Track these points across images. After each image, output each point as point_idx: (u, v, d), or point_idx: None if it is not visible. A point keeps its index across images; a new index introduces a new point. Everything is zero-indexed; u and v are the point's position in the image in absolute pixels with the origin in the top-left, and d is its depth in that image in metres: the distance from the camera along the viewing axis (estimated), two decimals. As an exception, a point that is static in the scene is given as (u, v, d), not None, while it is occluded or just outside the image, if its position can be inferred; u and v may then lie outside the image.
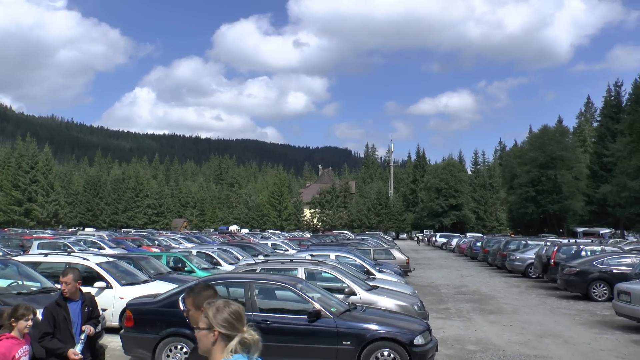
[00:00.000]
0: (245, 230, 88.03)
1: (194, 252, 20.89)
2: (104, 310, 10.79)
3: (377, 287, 12.76)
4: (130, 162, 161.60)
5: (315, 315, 8.56)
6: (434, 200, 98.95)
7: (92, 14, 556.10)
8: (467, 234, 71.37)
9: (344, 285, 11.72)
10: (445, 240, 63.16)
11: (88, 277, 11.88)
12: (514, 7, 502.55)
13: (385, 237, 57.40)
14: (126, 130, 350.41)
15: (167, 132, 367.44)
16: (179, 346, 8.96)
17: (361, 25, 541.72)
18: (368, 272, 16.12)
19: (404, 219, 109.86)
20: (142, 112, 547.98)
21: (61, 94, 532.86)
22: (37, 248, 24.38)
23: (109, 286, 11.87)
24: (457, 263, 38.83)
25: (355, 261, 17.26)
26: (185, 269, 17.70)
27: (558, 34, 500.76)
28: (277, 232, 76.74)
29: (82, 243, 28.13)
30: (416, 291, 15.10)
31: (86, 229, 77.30)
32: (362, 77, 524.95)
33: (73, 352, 5.71)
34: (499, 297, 19.89)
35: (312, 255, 16.60)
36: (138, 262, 15.22)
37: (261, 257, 19.18)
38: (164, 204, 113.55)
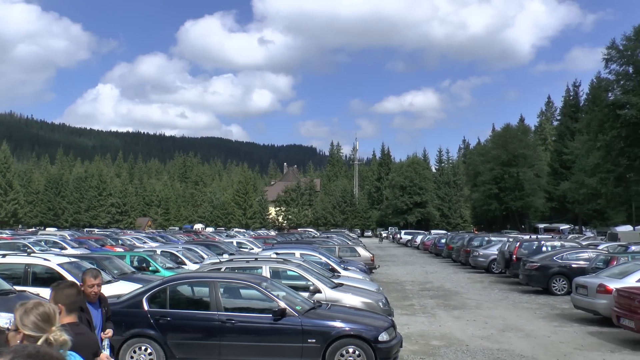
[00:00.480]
0: (210, 229, 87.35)
1: (159, 251, 20.64)
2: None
3: (342, 285, 12.80)
4: (93, 160, 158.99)
5: (281, 313, 8.57)
6: (399, 197, 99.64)
7: (53, 8, 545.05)
8: (432, 231, 72.14)
9: (309, 283, 11.75)
10: (410, 237, 63.68)
11: (49, 279, 11.65)
12: (477, 8, 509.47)
13: (351, 234, 57.63)
14: (89, 128, 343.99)
15: (131, 130, 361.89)
16: (144, 347, 8.86)
17: (326, 24, 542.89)
18: (333, 270, 16.16)
19: (369, 216, 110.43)
20: (105, 109, 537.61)
21: (20, 90, 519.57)
22: (-5, 249, 23.80)
23: (71, 287, 11.64)
24: (422, 260, 39.23)
25: (321, 259, 17.29)
26: (150, 268, 17.47)
27: (519, 35, 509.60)
28: (242, 230, 76.37)
29: (42, 243, 27.51)
30: (381, 288, 15.22)
31: (47, 229, 75.66)
32: (327, 76, 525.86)
33: (106, 356, 5.53)
34: (463, 292, 20.19)
35: (277, 254, 16.61)
36: (101, 262, 14.96)
37: (226, 256, 19.10)
38: (127, 203, 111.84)
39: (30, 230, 74.58)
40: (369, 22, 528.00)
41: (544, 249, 23.99)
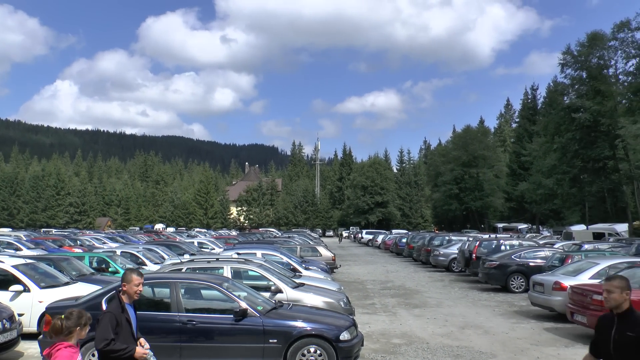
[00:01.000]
0: (171, 229, 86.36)
1: (119, 252, 20.33)
2: (20, 315, 10.38)
3: (303, 285, 12.82)
4: (51, 158, 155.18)
5: (242, 314, 8.53)
6: (360, 197, 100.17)
7: (7, 1, 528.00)
8: (393, 231, 72.72)
9: (270, 283, 11.73)
10: (371, 237, 64.08)
11: (3, 281, 11.38)
12: (439, 11, 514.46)
13: (312, 234, 57.70)
14: (46, 125, 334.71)
15: (91, 128, 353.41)
16: (103, 349, 8.71)
17: (289, 23, 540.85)
18: (294, 270, 16.17)
19: (331, 216, 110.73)
20: (64, 106, 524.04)
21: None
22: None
23: (27, 289, 11.32)
24: (383, 259, 39.52)
25: (282, 259, 17.28)
26: (110, 269, 17.20)
27: (480, 39, 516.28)
28: (203, 230, 75.70)
29: (-4, 244, 26.82)
30: (342, 287, 15.29)
31: (1, 229, 73.71)
32: (289, 75, 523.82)
33: (142, 350, 5.51)
34: (424, 291, 20.43)
35: (238, 254, 16.53)
36: (59, 264, 14.67)
37: (187, 256, 18.94)
38: (86, 202, 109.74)
39: (-17, 231, 72.49)
40: (332, 22, 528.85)
41: (502, 248, 24.48)
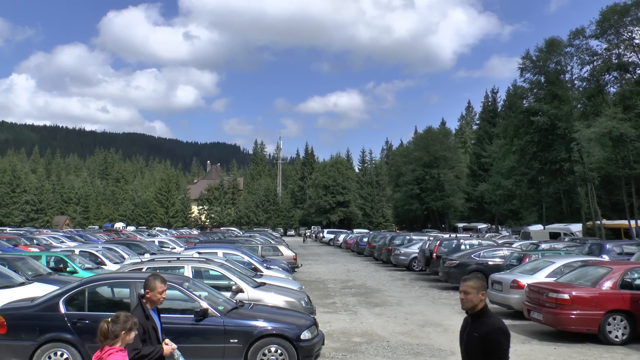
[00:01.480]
0: (131, 228, 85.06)
1: (77, 251, 19.98)
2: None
3: (264, 284, 12.82)
4: (6, 154, 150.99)
5: (202, 314, 8.48)
6: (322, 197, 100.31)
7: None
8: (354, 230, 73.10)
9: (231, 282, 11.69)
10: (332, 236, 64.27)
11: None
12: (402, 13, 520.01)
13: (273, 233, 57.58)
14: (1, 120, 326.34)
15: (49, 123, 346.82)
16: (59, 352, 8.54)
17: (252, 21, 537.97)
18: (256, 269, 16.17)
19: (292, 215, 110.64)
20: (20, 100, 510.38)
21: None
22: None
23: (-21, 290, 11.07)
24: (344, 258, 39.69)
25: (243, 258, 17.26)
26: (68, 269, 16.86)
27: (442, 42, 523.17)
28: (164, 229, 74.82)
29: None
30: (303, 287, 15.33)
31: (-47, 228, 71.56)
32: (252, 74, 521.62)
33: (169, 348, 5.51)
34: (384, 290, 20.61)
35: (199, 253, 16.46)
36: (13, 263, 14.33)
37: (147, 256, 18.70)
38: (44, 200, 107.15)
39: None
40: (296, 21, 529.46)
41: (462, 247, 24.87)
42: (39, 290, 10.91)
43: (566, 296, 11.46)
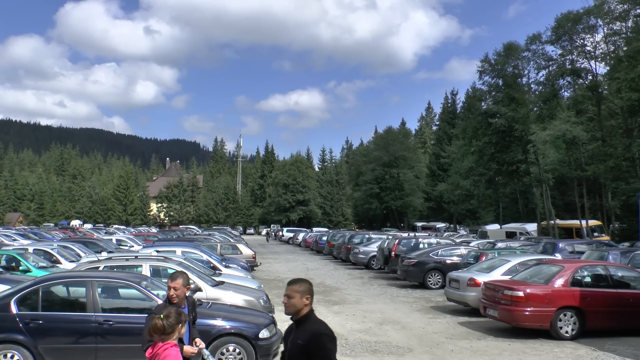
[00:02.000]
0: (88, 226, 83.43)
1: (31, 249, 19.50)
2: None
3: (223, 283, 12.77)
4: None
5: (160, 312, 8.39)
6: (282, 195, 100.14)
7: None
8: (314, 229, 73.24)
9: (190, 281, 11.58)
10: (292, 234, 64.27)
11: None
12: (364, 14, 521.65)
13: (233, 232, 57.28)
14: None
15: (1, 117, 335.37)
16: (10, 354, 8.30)
17: (214, 18, 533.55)
18: (214, 268, 16.08)
19: (252, 214, 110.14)
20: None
21: None
22: None
23: None
24: (304, 257, 39.74)
25: (202, 257, 17.16)
26: (20, 268, 16.41)
27: (403, 43, 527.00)
28: (122, 227, 73.62)
29: None
30: (262, 285, 15.31)
31: None
32: (213, 70, 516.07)
33: (191, 349, 5.32)
34: (343, 288, 20.72)
35: (157, 251, 16.27)
36: (-38, 261, 13.92)
37: (105, 254, 18.38)
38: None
39: None
40: (258, 19, 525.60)
41: (421, 246, 25.18)
42: (-10, 290, 10.61)
43: (521, 293, 11.75)
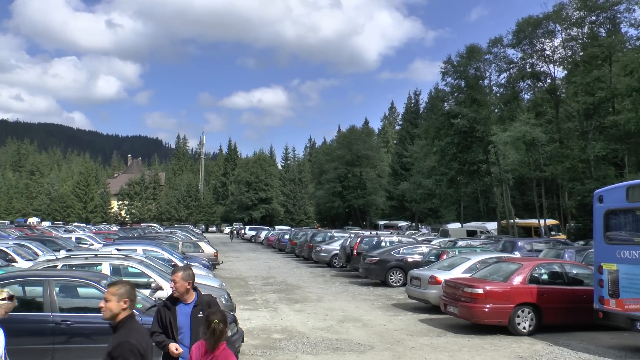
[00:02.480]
0: (46, 223, 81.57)
1: (-16, 247, 18.97)
2: None
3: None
4: None
5: (120, 312, 8.25)
6: (244, 193, 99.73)
7: None
8: (276, 227, 73.12)
9: (151, 280, 11.48)
10: (254, 233, 64.02)
11: None
12: (329, 13, 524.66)
13: (195, 230, 56.75)
14: None
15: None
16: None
17: (178, 13, 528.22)
18: (176, 266, 15.90)
19: (214, 212, 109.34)
20: None
21: None
22: None
23: None
24: (266, 255, 39.65)
25: (163, 255, 16.98)
26: (-28, 265, 16.01)
27: (367, 43, 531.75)
28: (82, 225, 72.20)
29: None
30: (224, 284, 15.21)
31: None
32: (176, 66, 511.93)
33: (175, 346, 5.13)
34: (305, 286, 20.74)
35: (118, 250, 16.01)
36: None
37: (63, 252, 18.01)
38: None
39: None
40: (223, 15, 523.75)
41: (383, 244, 25.38)
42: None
43: (480, 291, 11.95)
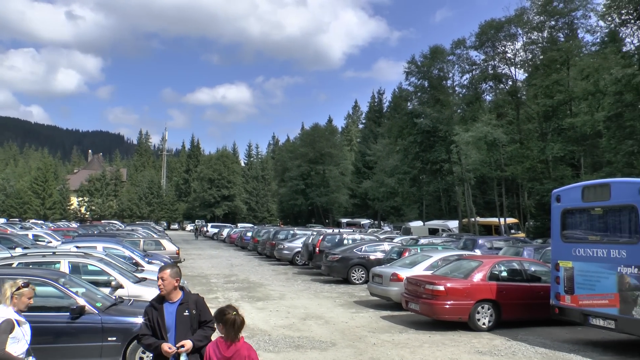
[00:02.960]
0: (1, 220, 79.51)
1: None
2: None
3: (145, 279, 12.59)
4: None
5: (79, 311, 8.07)
6: (207, 190, 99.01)
7: None
8: (239, 224, 72.73)
9: (111, 278, 11.36)
10: (216, 230, 63.60)
11: None
12: (294, 10, 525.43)
13: (157, 227, 56.11)
14: None
15: None
16: None
17: (141, 6, 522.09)
18: (137, 264, 15.79)
19: (176, 209, 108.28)
20: None
21: None
22: None
23: None
24: (228, 253, 39.45)
25: (124, 253, 16.78)
26: None
27: (332, 42, 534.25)
28: (39, 222, 70.58)
29: None
30: (186, 282, 15.11)
31: None
32: (139, 61, 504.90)
33: (168, 345, 4.99)
34: (267, 284, 20.71)
35: (77, 247, 15.77)
36: None
37: (19, 250, 17.63)
38: None
39: None
40: (187, 10, 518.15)
41: (345, 242, 25.46)
42: None
43: (441, 288, 12.13)
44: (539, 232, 38.22)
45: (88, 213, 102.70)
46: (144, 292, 11.31)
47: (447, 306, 12.07)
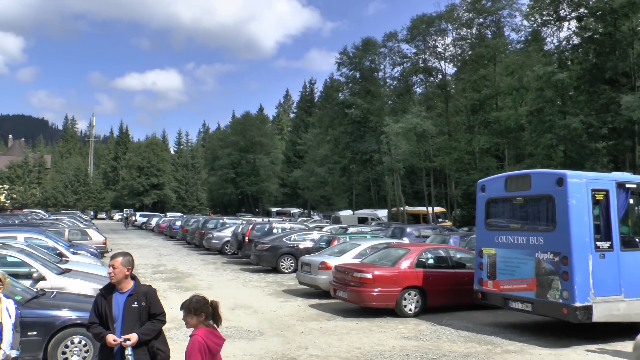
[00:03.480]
0: None
1: None
2: None
3: (70, 270, 12.17)
4: None
5: (-5, 305, 7.74)
6: (136, 178, 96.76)
7: None
8: (168, 214, 71.43)
9: (32, 269, 10.90)
10: (145, 219, 62.25)
11: None
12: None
13: (83, 216, 54.30)
14: None
15: None
16: None
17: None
18: (61, 255, 15.27)
19: (104, 197, 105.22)
20: None
21: None
22: None
23: None
24: (156, 242, 38.70)
25: (47, 243, 16.15)
26: None
27: (264, 30, 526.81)
28: (-47, 210, 67.00)
29: None
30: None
31: None
32: (65, 42, 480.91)
33: (112, 337, 4.79)
34: (196, 274, 20.45)
35: (-5, 236, 15.05)
36: None
37: None
38: None
39: None
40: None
41: (275, 231, 25.47)
42: None
43: (369, 275, 12.31)
44: (465, 220, 39.45)
45: (8, 202, 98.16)
46: (68, 284, 10.96)
47: (375, 293, 12.26)
